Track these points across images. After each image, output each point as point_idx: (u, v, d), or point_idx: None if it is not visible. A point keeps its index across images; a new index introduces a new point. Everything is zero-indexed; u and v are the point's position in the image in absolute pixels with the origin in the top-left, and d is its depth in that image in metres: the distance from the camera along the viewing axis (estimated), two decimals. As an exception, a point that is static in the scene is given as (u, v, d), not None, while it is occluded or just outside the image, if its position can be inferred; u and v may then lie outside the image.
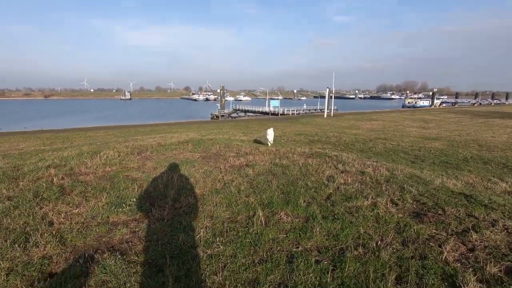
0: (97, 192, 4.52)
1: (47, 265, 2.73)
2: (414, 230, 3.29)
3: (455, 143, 13.74)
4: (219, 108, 53.80)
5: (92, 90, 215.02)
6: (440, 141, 14.21)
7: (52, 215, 3.72)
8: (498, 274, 2.51)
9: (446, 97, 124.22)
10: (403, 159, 9.47)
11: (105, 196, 4.30)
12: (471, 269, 2.58)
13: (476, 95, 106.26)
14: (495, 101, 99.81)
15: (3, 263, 2.72)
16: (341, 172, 5.56)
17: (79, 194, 4.44)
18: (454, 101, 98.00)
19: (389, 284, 2.39)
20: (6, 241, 3.05)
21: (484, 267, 2.59)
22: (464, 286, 2.32)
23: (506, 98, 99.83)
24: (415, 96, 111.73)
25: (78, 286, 2.41)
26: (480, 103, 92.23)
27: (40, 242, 3.04)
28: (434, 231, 3.30)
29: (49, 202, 4.11)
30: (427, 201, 4.11)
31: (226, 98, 66.23)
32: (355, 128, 21.46)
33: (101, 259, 2.78)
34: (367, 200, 4.12)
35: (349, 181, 4.96)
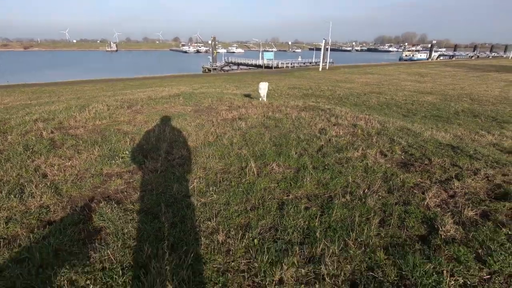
0: (89, 145, 4.49)
1: (45, 214, 2.80)
2: (400, 179, 3.43)
3: (448, 97, 13.75)
4: (210, 61, 51.64)
5: (74, 41, 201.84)
6: (433, 95, 14.19)
7: (45, 167, 3.73)
8: (474, 217, 2.69)
9: (444, 49, 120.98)
10: (396, 113, 9.52)
11: (97, 149, 4.29)
12: (449, 213, 2.75)
13: (474, 48, 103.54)
14: (493, 54, 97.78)
15: (1, 212, 2.79)
16: (334, 125, 5.59)
17: (71, 148, 4.42)
18: (452, 54, 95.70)
19: (373, 227, 2.55)
20: (1, 192, 3.09)
21: (462, 211, 2.76)
22: (441, 227, 2.49)
23: (505, 51, 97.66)
24: (413, 48, 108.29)
25: (78, 232, 2.51)
26: (478, 56, 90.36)
27: (36, 193, 3.09)
28: (419, 179, 3.44)
29: (41, 155, 4.09)
30: (415, 152, 4.22)
31: (218, 50, 63.24)
32: (350, 82, 21.11)
33: (98, 208, 2.86)
34: (357, 151, 4.20)
35: (341, 133, 5.01)
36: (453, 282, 1.98)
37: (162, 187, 3.26)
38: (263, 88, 8.75)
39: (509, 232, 2.44)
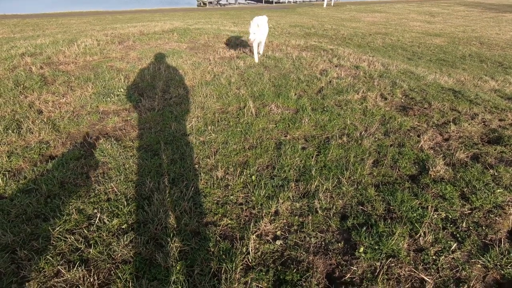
0: (82, 82, 4.34)
1: (45, 149, 2.84)
2: (397, 122, 3.44)
3: (457, 40, 13.05)
4: (206, -7, 47.10)
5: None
6: (442, 38, 13.44)
7: (39, 103, 3.65)
8: (464, 159, 2.78)
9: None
10: (401, 56, 9.12)
11: (90, 86, 4.16)
12: (441, 155, 2.83)
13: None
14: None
15: (1, 146, 2.82)
16: (335, 66, 5.38)
17: (63, 84, 4.27)
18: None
19: (367, 166, 2.65)
20: (-2, 127, 3.08)
21: (454, 153, 2.84)
22: (432, 168, 2.59)
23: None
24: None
25: (80, 167, 2.58)
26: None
27: (34, 129, 3.08)
28: (416, 123, 3.46)
29: (33, 91, 3.98)
30: (416, 95, 4.16)
31: (214, -19, 57.21)
32: (356, 20, 19.72)
33: (98, 144, 2.90)
34: (357, 94, 4.13)
35: (342, 75, 4.86)
36: (435, 216, 2.13)
37: (160, 125, 3.26)
38: (254, 25, 4.96)
39: (495, 173, 2.55)
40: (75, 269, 1.69)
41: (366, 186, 2.42)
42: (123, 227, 2.00)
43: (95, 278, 1.67)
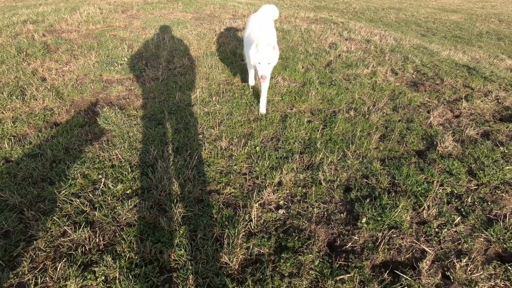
0: (85, 50, 4.25)
1: (49, 115, 2.83)
2: (407, 98, 3.34)
3: (474, 16, 12.42)
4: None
5: None
6: (458, 14, 12.80)
7: (43, 71, 3.61)
8: (474, 136, 2.71)
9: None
10: (414, 32, 8.74)
11: (94, 55, 4.08)
12: (451, 132, 2.76)
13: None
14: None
15: (6, 112, 2.81)
16: (345, 39, 5.18)
17: (66, 52, 4.19)
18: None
19: (373, 141, 2.60)
20: (2, 93, 3.06)
21: (464, 130, 2.77)
22: (440, 143, 2.54)
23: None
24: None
25: (84, 133, 2.57)
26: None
27: (38, 96, 3.06)
28: (427, 99, 3.36)
29: (36, 59, 3.92)
30: (428, 71, 4.01)
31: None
32: (369, -6, 18.81)
33: (101, 112, 2.87)
34: (367, 68, 3.99)
35: (352, 49, 4.68)
36: (441, 191, 2.11)
37: (165, 95, 3.21)
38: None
39: (505, 151, 2.49)
40: (81, 230, 1.73)
41: (371, 160, 2.39)
42: (128, 192, 2.02)
43: (101, 238, 1.70)
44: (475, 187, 2.15)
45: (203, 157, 2.36)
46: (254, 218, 1.86)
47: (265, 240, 1.74)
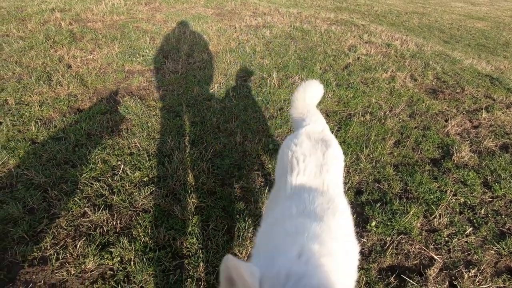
0: (109, 40, 4.38)
1: (74, 101, 2.95)
2: (425, 105, 3.30)
3: (502, 25, 12.01)
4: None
5: None
6: (485, 22, 12.40)
7: (68, 58, 3.74)
8: (492, 148, 2.66)
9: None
10: (437, 38, 8.55)
11: (117, 45, 4.20)
12: (468, 142, 2.72)
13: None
14: None
15: (33, 96, 2.95)
16: (365, 42, 5.13)
17: (91, 41, 4.33)
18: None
19: (387, 146, 2.59)
20: (31, 77, 3.20)
21: (482, 141, 2.72)
22: (456, 153, 2.51)
23: None
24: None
25: (106, 121, 2.67)
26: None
27: (63, 82, 3.19)
28: (445, 107, 3.31)
29: (62, 46, 4.07)
30: (449, 79, 3.94)
31: None
32: (392, -3, 18.44)
33: (122, 101, 2.97)
34: (386, 73, 3.96)
35: (372, 52, 4.64)
36: (453, 200, 2.09)
37: (183, 88, 3.29)
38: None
39: (524, 165, 2.44)
40: (99, 212, 1.82)
41: (384, 165, 2.39)
42: (144, 179, 2.10)
43: (118, 221, 1.79)
44: (490, 199, 2.13)
45: (218, 150, 2.42)
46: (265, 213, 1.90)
47: (275, 235, 1.78)
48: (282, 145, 1.37)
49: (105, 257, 1.59)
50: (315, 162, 1.15)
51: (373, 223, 1.88)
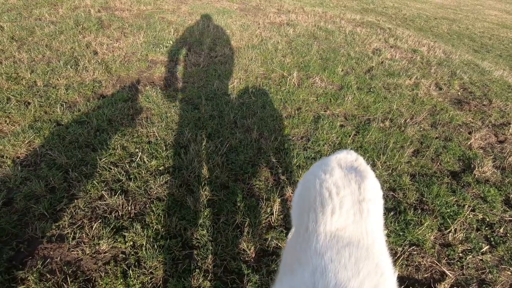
0: (134, 29, 4.47)
1: (98, 87, 3.04)
2: (449, 115, 3.20)
3: (538, 36, 11.40)
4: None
5: None
6: (520, 32, 11.80)
7: (95, 45, 3.85)
8: (517, 166, 2.55)
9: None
10: (466, 46, 8.22)
11: (142, 35, 4.28)
12: (491, 157, 2.62)
13: None
14: None
15: (60, 80, 3.06)
16: (390, 47, 5.00)
17: (117, 29, 4.44)
18: None
19: (405, 154, 2.53)
20: (59, 61, 3.32)
21: (507, 157, 2.61)
22: (478, 167, 2.42)
23: None
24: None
25: (127, 108, 2.74)
26: None
27: (89, 68, 3.29)
28: (470, 119, 3.19)
29: (90, 33, 4.19)
30: (476, 90, 3.79)
31: None
32: (422, 1, 17.82)
33: (144, 90, 3.04)
34: (410, 79, 3.85)
35: (397, 57, 4.52)
36: (471, 216, 2.03)
37: (203, 81, 3.32)
38: None
39: (551, 186, 2.32)
40: (116, 196, 1.88)
41: (401, 174, 2.34)
42: (160, 168, 2.15)
43: (132, 207, 1.84)
44: (510, 219, 2.04)
45: (233, 145, 2.44)
46: (275, 212, 1.91)
47: (284, 234, 1.79)
48: (306, 173, 1.14)
49: (119, 240, 1.64)
50: (351, 198, 0.90)
51: (385, 232, 1.85)
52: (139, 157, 2.20)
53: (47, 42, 3.77)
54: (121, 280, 1.47)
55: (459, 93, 3.74)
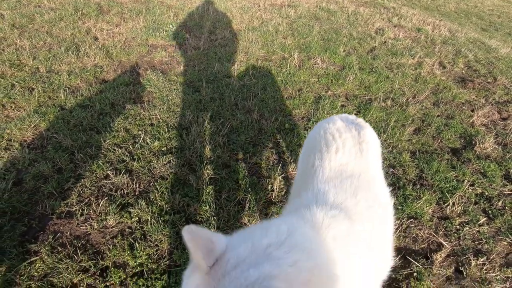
0: (134, 14, 4.44)
1: (99, 72, 3.06)
2: (452, 94, 3.17)
3: (550, 13, 11.00)
4: None
5: None
6: (531, 9, 11.40)
7: (95, 30, 3.85)
8: (520, 142, 2.55)
9: None
10: (474, 24, 7.99)
11: (142, 20, 4.25)
12: (494, 133, 2.61)
13: None
14: None
15: (62, 65, 3.09)
16: (394, 26, 4.90)
17: (117, 15, 4.41)
18: None
19: (406, 132, 2.54)
20: (60, 47, 3.34)
21: (509, 134, 2.60)
22: (479, 144, 2.42)
23: None
24: None
25: (129, 92, 2.77)
26: None
27: (90, 53, 3.30)
28: (473, 97, 3.16)
29: (90, 19, 4.17)
30: (481, 68, 3.73)
31: None
32: (429, -21, 17.22)
33: (145, 75, 3.05)
34: (413, 58, 3.79)
35: (400, 36, 4.44)
36: (470, 190, 2.05)
37: (204, 64, 3.32)
38: None
39: (552, 161, 2.32)
40: (120, 175, 1.93)
41: (401, 151, 2.36)
42: (163, 149, 2.20)
43: (137, 185, 1.90)
44: (509, 192, 2.06)
45: (234, 126, 2.47)
46: (276, 189, 1.95)
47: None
48: (310, 132, 1.25)
49: (125, 216, 1.71)
50: (352, 140, 1.01)
51: (384, 206, 1.88)
52: (142, 138, 2.24)
53: (48, 28, 3.78)
54: (128, 252, 1.54)
55: (463, 71, 3.68)
